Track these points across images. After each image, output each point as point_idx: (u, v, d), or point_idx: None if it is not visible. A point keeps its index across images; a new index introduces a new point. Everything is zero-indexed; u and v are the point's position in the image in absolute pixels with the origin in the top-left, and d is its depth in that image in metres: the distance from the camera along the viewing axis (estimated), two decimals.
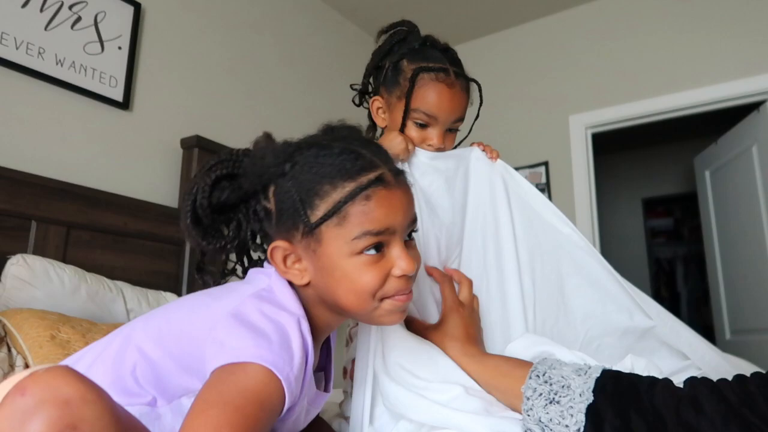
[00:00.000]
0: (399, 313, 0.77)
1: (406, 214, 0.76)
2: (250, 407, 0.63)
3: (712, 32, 2.94)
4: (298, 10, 3.13)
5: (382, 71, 1.17)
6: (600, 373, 0.77)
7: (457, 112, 1.13)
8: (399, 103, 1.12)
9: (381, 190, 0.73)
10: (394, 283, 0.74)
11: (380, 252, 0.74)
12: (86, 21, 2.09)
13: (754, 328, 3.09)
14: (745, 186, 3.11)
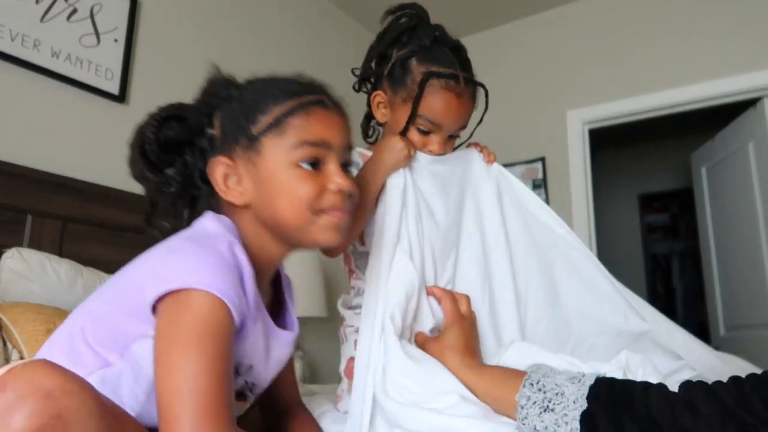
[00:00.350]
0: (335, 230, 0.80)
1: (343, 135, 0.82)
2: (208, 343, 0.66)
3: (709, 28, 2.94)
4: (298, 4, 3.12)
5: (387, 63, 1.12)
6: (594, 380, 0.77)
7: (462, 120, 1.12)
8: (404, 105, 1.10)
9: (320, 109, 0.80)
10: (331, 197, 0.78)
11: (317, 169, 0.78)
12: (82, 13, 2.08)
13: (749, 324, 3.10)
14: (742, 182, 3.11)
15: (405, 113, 1.09)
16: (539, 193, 3.31)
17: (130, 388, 0.73)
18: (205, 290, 0.68)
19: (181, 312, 0.67)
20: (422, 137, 1.11)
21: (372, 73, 1.18)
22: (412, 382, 0.91)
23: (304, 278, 2.46)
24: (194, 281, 0.68)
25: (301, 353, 2.45)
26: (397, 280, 1.01)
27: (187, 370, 0.64)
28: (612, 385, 0.77)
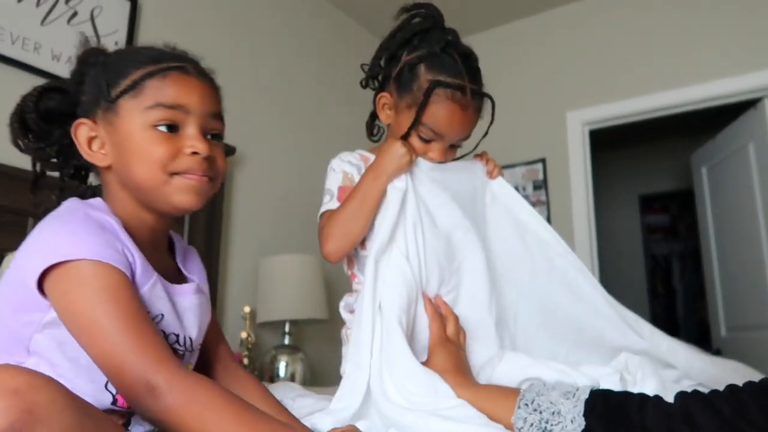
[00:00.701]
0: (192, 194, 0.80)
1: (204, 101, 0.83)
2: (108, 296, 0.69)
3: (709, 29, 2.94)
4: (298, 6, 3.12)
5: (396, 64, 1.12)
6: (588, 394, 0.77)
7: (465, 132, 1.12)
8: (408, 111, 1.09)
9: (179, 74, 0.82)
10: (186, 160, 0.79)
11: (174, 132, 0.79)
12: (82, 16, 2.08)
13: (750, 325, 3.10)
14: (742, 183, 3.11)
15: (408, 119, 1.08)
16: (540, 194, 3.31)
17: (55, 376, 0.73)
18: (84, 258, 0.70)
19: (71, 281, 0.69)
20: (423, 144, 1.11)
21: (380, 71, 1.17)
22: (414, 386, 0.90)
23: (305, 281, 2.46)
24: (71, 252, 0.70)
25: (301, 355, 2.45)
26: (396, 280, 1.01)
27: (105, 327, 0.67)
28: (607, 399, 0.76)
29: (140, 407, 0.68)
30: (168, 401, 0.66)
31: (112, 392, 0.75)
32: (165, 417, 0.66)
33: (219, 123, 0.87)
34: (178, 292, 0.83)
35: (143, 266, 0.76)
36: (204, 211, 2.32)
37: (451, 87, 1.05)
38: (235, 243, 2.59)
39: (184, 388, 0.67)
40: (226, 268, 2.52)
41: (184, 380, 0.68)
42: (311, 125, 3.09)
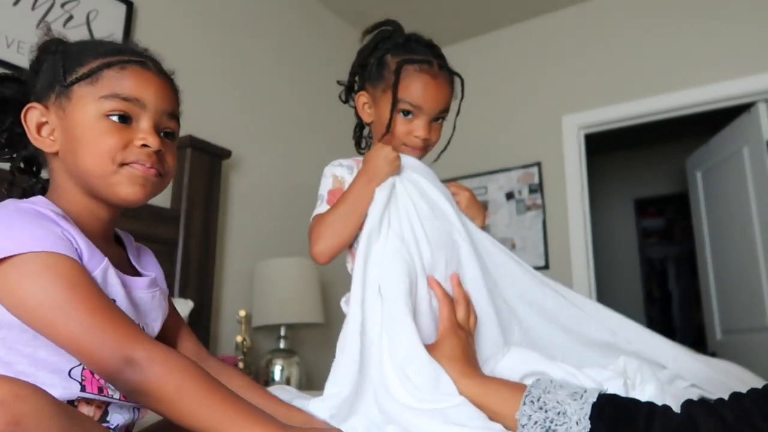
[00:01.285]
0: (138, 185, 0.80)
1: (161, 98, 0.83)
2: (61, 281, 0.68)
3: (703, 34, 2.96)
4: (292, 10, 3.13)
5: (368, 68, 1.18)
6: (596, 397, 0.76)
7: (442, 102, 1.14)
8: (384, 96, 1.14)
9: (138, 68, 0.82)
10: (135, 151, 0.79)
11: (127, 124, 0.79)
12: (78, 20, 2.08)
13: (745, 328, 3.11)
14: (737, 186, 3.13)
15: (387, 103, 1.13)
16: (535, 197, 3.32)
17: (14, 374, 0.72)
18: (30, 251, 0.69)
19: (20, 277, 0.68)
20: (407, 123, 1.14)
21: (355, 82, 1.24)
22: (418, 377, 0.90)
23: (301, 285, 2.46)
24: (13, 248, 0.68)
25: (297, 359, 2.45)
26: (395, 263, 1.02)
27: (69, 313, 0.67)
28: (615, 405, 0.75)
29: (119, 382, 0.67)
30: (147, 373, 0.66)
31: (77, 380, 0.74)
32: (145, 388, 0.66)
33: (174, 122, 0.87)
34: (131, 283, 0.83)
35: (89, 251, 0.75)
36: (199, 214, 2.31)
37: (418, 61, 1.12)
38: (230, 246, 2.58)
39: (164, 359, 0.68)
40: (222, 272, 2.52)
41: (162, 352, 0.69)
42: (307, 129, 3.09)
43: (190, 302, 2.10)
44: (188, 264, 2.24)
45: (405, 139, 1.15)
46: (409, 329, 0.95)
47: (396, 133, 1.14)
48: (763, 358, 2.85)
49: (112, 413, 0.79)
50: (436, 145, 1.20)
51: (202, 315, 2.25)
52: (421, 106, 1.12)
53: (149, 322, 0.85)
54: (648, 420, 0.71)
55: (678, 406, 0.74)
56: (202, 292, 2.28)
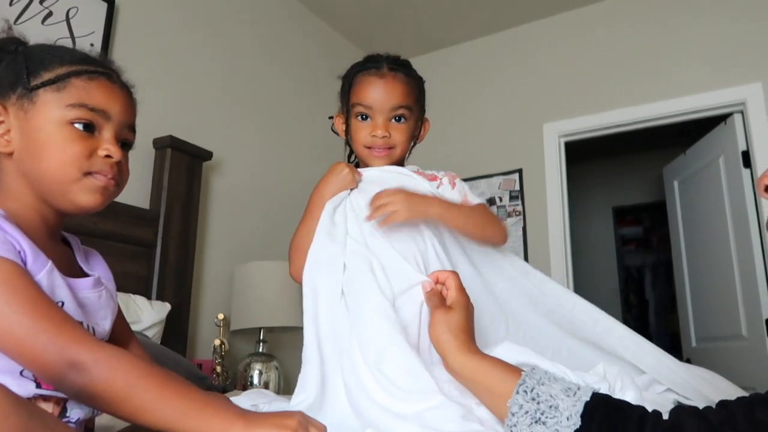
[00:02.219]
0: (98, 193, 0.81)
1: (124, 111, 0.85)
2: (9, 294, 0.68)
3: (682, 47, 3.02)
4: (276, 9, 3.12)
5: (340, 95, 1.26)
6: (590, 396, 0.76)
7: (393, 98, 1.17)
8: (345, 107, 1.23)
9: (105, 80, 0.83)
10: (99, 161, 0.80)
11: (90, 132, 0.80)
12: (58, 16, 2.05)
13: (720, 336, 3.16)
14: (712, 196, 3.18)
15: (350, 114, 1.21)
16: (516, 204, 3.34)
17: None
18: None
19: None
20: (364, 126, 1.18)
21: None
22: (395, 374, 0.90)
23: (281, 288, 2.44)
24: None
25: (276, 363, 2.43)
26: (357, 265, 1.04)
27: (9, 317, 0.66)
28: (608, 405, 0.75)
29: (65, 386, 0.67)
30: (93, 375, 0.66)
31: (30, 378, 0.73)
32: (91, 390, 0.66)
33: (132, 134, 0.89)
34: (76, 284, 0.82)
35: (34, 254, 0.75)
36: (179, 215, 2.29)
37: (365, 66, 1.19)
38: (210, 249, 2.56)
39: (109, 359, 0.67)
40: (201, 274, 2.49)
41: (108, 352, 0.68)
42: (290, 132, 3.08)
43: (168, 305, 2.07)
44: (166, 266, 2.21)
45: (365, 141, 1.19)
46: (377, 326, 0.95)
47: (357, 139, 1.19)
48: (737, 366, 2.89)
49: (71, 408, 0.78)
50: (404, 145, 1.21)
51: (179, 318, 2.22)
52: (371, 104, 1.17)
53: (99, 321, 0.85)
54: (640, 424, 0.72)
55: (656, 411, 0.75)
56: (180, 295, 2.26)
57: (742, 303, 2.93)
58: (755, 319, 2.82)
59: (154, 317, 1.96)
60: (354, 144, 1.22)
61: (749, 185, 2.85)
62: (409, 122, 1.20)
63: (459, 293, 0.95)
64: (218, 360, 2.23)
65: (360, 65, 1.22)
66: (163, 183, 2.26)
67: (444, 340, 0.89)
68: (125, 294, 1.94)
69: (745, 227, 2.86)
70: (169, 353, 1.78)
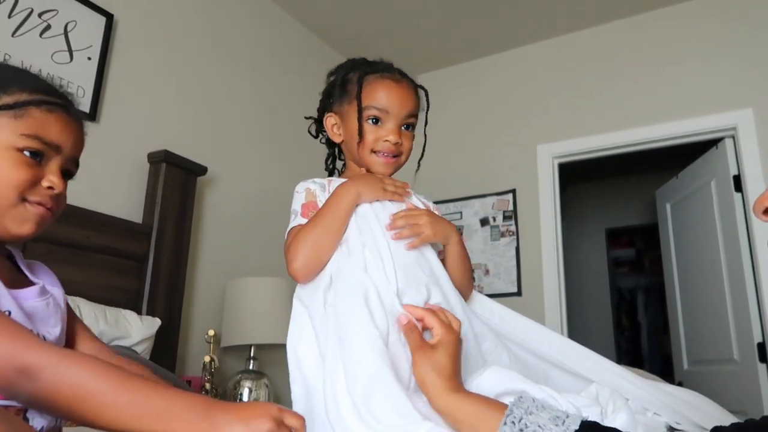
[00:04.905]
0: (33, 224, 0.81)
1: (74, 145, 0.85)
2: None
3: (676, 72, 3.06)
4: (273, 26, 3.14)
5: (333, 91, 1.20)
6: (578, 425, 0.75)
7: (408, 105, 1.14)
8: (350, 108, 1.14)
9: (63, 114, 0.83)
10: (41, 191, 0.81)
11: (38, 161, 0.81)
12: (56, 29, 2.06)
13: (712, 359, 3.16)
14: (704, 219, 3.20)
15: (354, 116, 1.13)
16: (509, 224, 3.35)
17: None
18: None
19: None
20: (376, 130, 1.13)
21: (324, 111, 1.25)
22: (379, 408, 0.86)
23: (272, 304, 2.43)
24: None
25: (266, 381, 2.40)
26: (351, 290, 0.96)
27: None
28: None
29: (16, 393, 0.66)
30: (42, 379, 0.64)
31: None
32: (43, 396, 0.64)
33: (75, 167, 0.88)
34: (21, 295, 0.82)
35: None
36: (171, 230, 2.28)
37: (379, 70, 1.14)
38: (202, 264, 2.55)
39: (58, 363, 0.66)
40: (193, 290, 2.47)
41: (57, 356, 0.67)
42: (284, 148, 3.08)
43: (158, 320, 2.05)
44: (157, 281, 2.20)
45: (375, 145, 1.13)
46: (367, 361, 0.89)
47: (366, 142, 1.12)
48: (729, 389, 2.89)
49: (32, 418, 0.77)
50: (408, 157, 1.18)
51: (169, 333, 2.20)
52: (387, 109, 1.12)
53: (49, 329, 0.84)
54: None
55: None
56: (171, 310, 2.24)
57: (734, 326, 2.93)
58: (747, 342, 2.82)
59: (144, 332, 1.94)
60: (359, 148, 1.13)
61: (740, 209, 2.87)
62: (414, 132, 1.17)
63: (446, 331, 0.92)
64: (207, 377, 2.20)
65: (368, 66, 1.16)
66: (156, 197, 2.25)
67: (428, 380, 0.88)
68: (115, 308, 1.93)
69: (737, 251, 2.88)
70: (157, 369, 1.76)
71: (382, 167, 1.14)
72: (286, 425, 0.68)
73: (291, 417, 0.69)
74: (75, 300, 1.77)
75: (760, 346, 2.72)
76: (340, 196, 1.06)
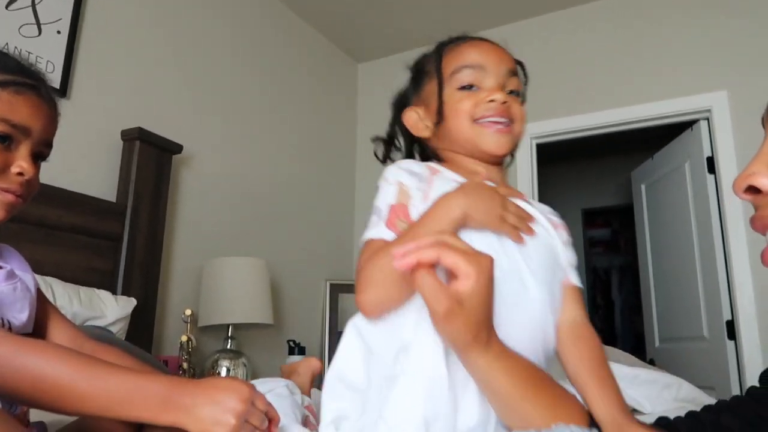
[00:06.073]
0: (3, 211, 0.79)
1: (46, 128, 0.82)
2: None
3: (651, 54, 3.07)
4: (248, 5, 3.08)
5: (408, 91, 0.98)
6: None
7: (506, 61, 0.89)
8: (432, 84, 0.89)
9: (33, 95, 0.80)
10: (9, 177, 0.79)
11: (5, 145, 0.78)
12: (23, 2, 1.99)
13: (683, 337, 3.24)
14: (678, 200, 3.25)
15: (440, 90, 0.88)
16: None
17: None
18: None
19: None
20: (473, 96, 0.86)
21: (396, 133, 0.99)
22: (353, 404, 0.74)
23: (250, 284, 2.42)
24: None
25: (244, 360, 2.40)
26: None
27: None
28: None
29: None
30: (1, 369, 0.64)
31: None
32: (3, 384, 0.64)
33: (48, 149, 0.86)
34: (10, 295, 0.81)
35: None
36: (146, 209, 2.25)
37: (459, 39, 0.93)
38: (178, 244, 2.52)
39: (16, 351, 0.65)
40: (169, 270, 2.45)
41: (14, 344, 0.66)
42: (262, 126, 3.05)
43: (133, 300, 2.03)
44: (132, 261, 2.17)
45: (476, 112, 0.84)
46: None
47: (460, 115, 0.85)
48: (699, 366, 2.97)
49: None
50: (523, 130, 0.89)
51: (145, 313, 2.18)
52: (483, 64, 0.87)
53: (15, 314, 0.82)
54: None
55: None
56: (147, 290, 2.22)
57: (704, 305, 3.00)
58: (716, 320, 2.89)
59: (119, 312, 1.92)
60: (454, 127, 0.86)
61: (713, 190, 2.92)
62: (520, 100, 0.90)
63: (478, 278, 0.64)
64: (185, 357, 2.19)
65: (447, 41, 0.94)
66: (130, 176, 2.22)
67: (461, 341, 0.66)
68: (89, 288, 1.90)
69: (709, 232, 2.94)
70: (133, 349, 1.74)
71: (494, 140, 0.85)
72: (258, 408, 0.68)
73: (261, 400, 0.69)
74: (48, 280, 1.74)
75: (729, 323, 2.79)
76: (440, 216, 0.74)
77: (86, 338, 0.96)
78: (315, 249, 3.25)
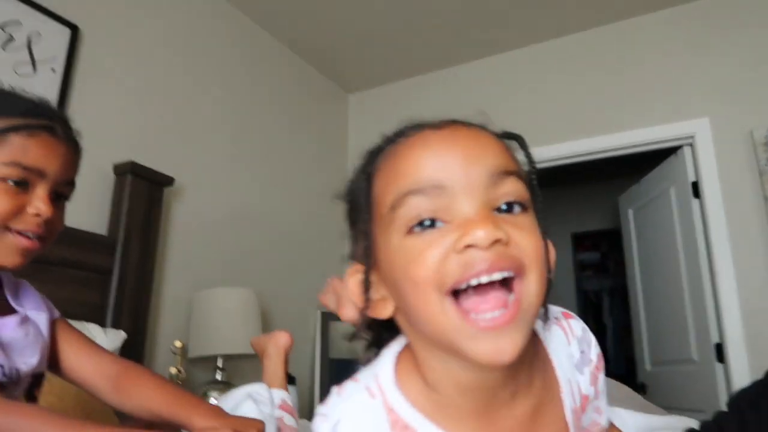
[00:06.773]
0: (18, 255, 0.78)
1: (63, 168, 0.80)
2: None
3: (634, 82, 3.15)
4: (239, 38, 3.14)
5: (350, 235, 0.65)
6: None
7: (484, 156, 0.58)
8: (379, 228, 0.56)
9: (46, 136, 0.78)
10: (27, 219, 0.78)
11: (22, 188, 0.77)
12: (19, 41, 2.03)
13: (673, 360, 3.25)
14: (664, 223, 3.30)
15: (390, 237, 0.53)
16: None
17: None
18: None
19: None
20: (435, 242, 0.50)
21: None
22: None
23: (240, 315, 2.43)
24: None
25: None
26: None
27: None
28: None
29: None
30: None
31: None
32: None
33: (70, 189, 0.85)
34: (4, 325, 0.80)
35: None
36: (137, 242, 2.26)
37: (396, 136, 0.59)
38: (169, 276, 2.53)
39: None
40: (159, 301, 2.46)
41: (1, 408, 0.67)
42: (253, 160, 3.08)
43: (122, 333, 2.03)
44: (122, 294, 2.18)
45: (445, 273, 0.47)
46: None
47: (418, 281, 0.49)
48: (689, 389, 2.98)
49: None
50: (542, 275, 0.55)
51: (135, 346, 2.18)
52: (442, 179, 0.53)
53: (26, 359, 0.82)
54: None
55: None
56: (137, 323, 2.22)
57: (693, 328, 3.02)
58: (705, 344, 2.91)
59: (108, 345, 1.92)
60: (415, 309, 0.50)
61: (698, 214, 2.97)
62: (531, 216, 0.56)
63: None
64: None
65: (379, 145, 0.59)
66: (122, 209, 2.23)
67: None
68: (78, 322, 1.90)
69: (695, 254, 2.97)
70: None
71: (491, 339, 0.47)
72: None
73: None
74: None
75: (718, 346, 2.82)
76: None
77: (116, 359, 0.94)
78: (305, 279, 3.26)
